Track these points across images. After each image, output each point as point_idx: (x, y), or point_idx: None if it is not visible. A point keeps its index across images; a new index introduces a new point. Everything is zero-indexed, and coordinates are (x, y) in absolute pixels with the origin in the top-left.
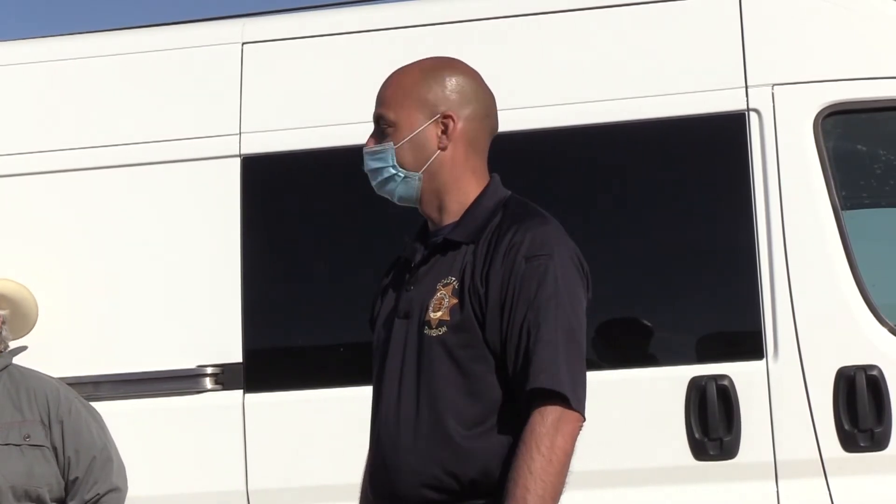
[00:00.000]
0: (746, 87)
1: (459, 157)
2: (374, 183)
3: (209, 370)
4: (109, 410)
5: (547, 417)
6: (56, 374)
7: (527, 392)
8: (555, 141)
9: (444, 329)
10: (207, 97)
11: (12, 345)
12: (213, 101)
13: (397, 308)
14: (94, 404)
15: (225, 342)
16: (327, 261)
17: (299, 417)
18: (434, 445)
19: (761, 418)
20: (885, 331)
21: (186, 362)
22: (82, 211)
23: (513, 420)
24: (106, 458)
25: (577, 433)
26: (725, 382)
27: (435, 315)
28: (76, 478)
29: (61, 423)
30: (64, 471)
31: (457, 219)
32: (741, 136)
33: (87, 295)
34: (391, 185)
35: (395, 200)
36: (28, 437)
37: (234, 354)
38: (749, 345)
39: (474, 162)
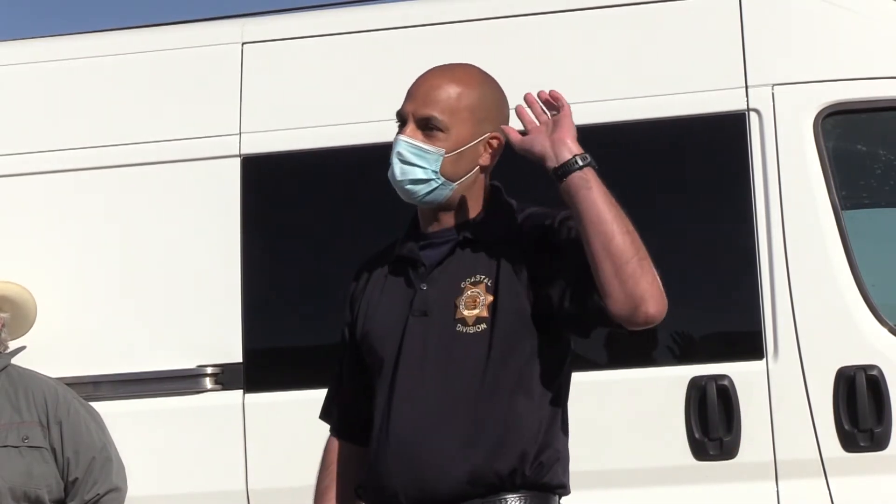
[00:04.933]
0: (746, 87)
1: (488, 172)
2: (399, 176)
3: (209, 370)
4: (109, 410)
5: None
6: (56, 374)
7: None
8: None
9: (483, 326)
10: (207, 97)
11: (10, 345)
12: (213, 101)
13: (412, 307)
14: (94, 404)
15: (225, 342)
16: (327, 261)
17: (299, 417)
18: (471, 434)
19: (761, 418)
20: (885, 331)
21: (186, 362)
22: (82, 211)
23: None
24: (105, 459)
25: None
26: (725, 382)
27: (471, 313)
28: (76, 478)
29: (60, 423)
30: (63, 471)
31: (460, 221)
32: (741, 136)
33: (86, 295)
34: (421, 187)
35: (411, 199)
36: (27, 438)
37: (234, 354)
38: (749, 345)
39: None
